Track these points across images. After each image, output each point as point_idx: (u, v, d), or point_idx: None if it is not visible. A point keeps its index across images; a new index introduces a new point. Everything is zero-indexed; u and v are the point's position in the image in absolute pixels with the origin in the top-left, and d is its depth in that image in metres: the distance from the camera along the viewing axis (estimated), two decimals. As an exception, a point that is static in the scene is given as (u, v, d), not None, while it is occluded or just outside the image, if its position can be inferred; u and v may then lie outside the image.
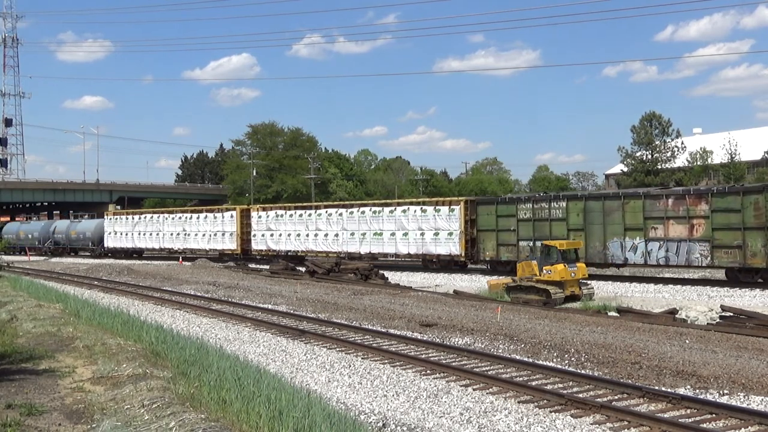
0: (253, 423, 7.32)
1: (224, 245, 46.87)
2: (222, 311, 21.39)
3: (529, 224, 31.04)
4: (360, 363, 13.51)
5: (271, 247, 43.22)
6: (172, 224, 51.36)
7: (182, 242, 50.32)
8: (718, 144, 71.80)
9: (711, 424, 9.34)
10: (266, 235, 43.65)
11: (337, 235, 39.29)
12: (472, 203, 34.12)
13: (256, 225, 44.45)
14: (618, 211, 28.23)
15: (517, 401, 10.53)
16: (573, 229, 29.48)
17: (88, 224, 63.18)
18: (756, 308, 19.64)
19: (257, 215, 44.59)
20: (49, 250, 65.33)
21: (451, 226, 34.03)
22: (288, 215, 42.57)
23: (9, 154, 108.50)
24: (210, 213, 48.93)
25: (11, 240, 70.52)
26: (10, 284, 26.36)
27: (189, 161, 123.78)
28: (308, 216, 41.26)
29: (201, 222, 49.02)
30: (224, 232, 46.89)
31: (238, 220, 45.94)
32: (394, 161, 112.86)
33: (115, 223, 56.98)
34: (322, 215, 40.43)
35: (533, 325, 16.97)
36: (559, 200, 30.45)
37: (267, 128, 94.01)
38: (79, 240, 62.50)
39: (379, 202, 41.05)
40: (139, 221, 54.45)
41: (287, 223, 42.39)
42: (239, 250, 45.86)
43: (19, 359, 11.45)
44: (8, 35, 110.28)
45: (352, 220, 38.64)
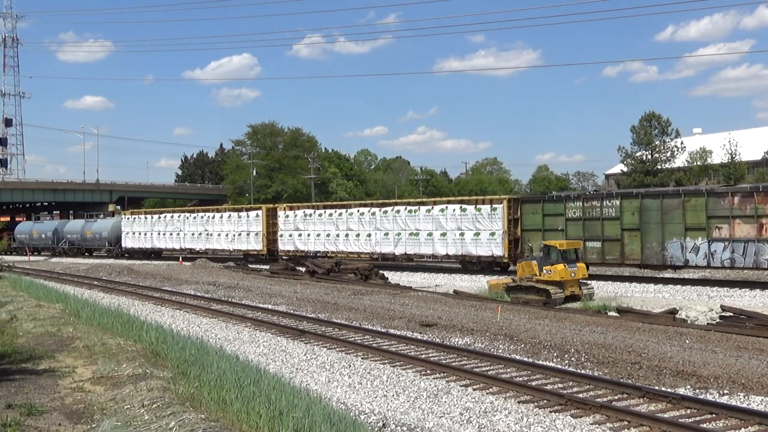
0: (253, 423, 7.32)
1: (249, 246, 45.20)
2: (222, 311, 21.39)
3: (578, 223, 29.53)
4: (360, 363, 13.51)
5: (299, 248, 41.60)
6: (193, 224, 49.70)
7: (204, 242, 48.64)
8: (718, 144, 71.82)
9: (711, 424, 9.34)
10: (294, 236, 42.03)
11: (370, 235, 37.72)
12: (515, 202, 32.68)
13: (283, 225, 42.82)
14: (678, 209, 26.80)
15: (517, 401, 10.52)
16: (627, 228, 28.09)
17: (104, 224, 61.31)
18: (756, 308, 19.64)
19: (284, 214, 42.98)
20: (62, 251, 63.57)
21: (493, 225, 32.44)
22: (317, 214, 40.96)
23: (9, 154, 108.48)
24: (234, 212, 47.17)
25: (24, 240, 69.09)
26: (10, 284, 26.36)
27: (189, 161, 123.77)
28: (339, 215, 39.65)
29: (224, 222, 47.27)
30: (249, 232, 45.18)
31: (264, 219, 44.35)
32: (394, 161, 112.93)
33: (133, 222, 55.33)
34: (354, 214, 38.77)
35: (533, 325, 16.97)
36: (613, 198, 28.93)
37: (267, 128, 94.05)
38: (95, 240, 60.62)
39: (415, 200, 39.40)
40: (159, 221, 52.73)
41: (316, 223, 40.78)
42: (265, 251, 44.16)
43: (19, 359, 11.45)
44: (8, 35, 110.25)
45: (387, 219, 37.01)
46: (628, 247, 27.96)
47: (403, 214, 36.22)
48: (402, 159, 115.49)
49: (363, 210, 38.59)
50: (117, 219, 60.38)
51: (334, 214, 39.91)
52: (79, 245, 62.64)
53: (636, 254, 27.40)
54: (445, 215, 34.34)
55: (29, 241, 68.01)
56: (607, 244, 28.54)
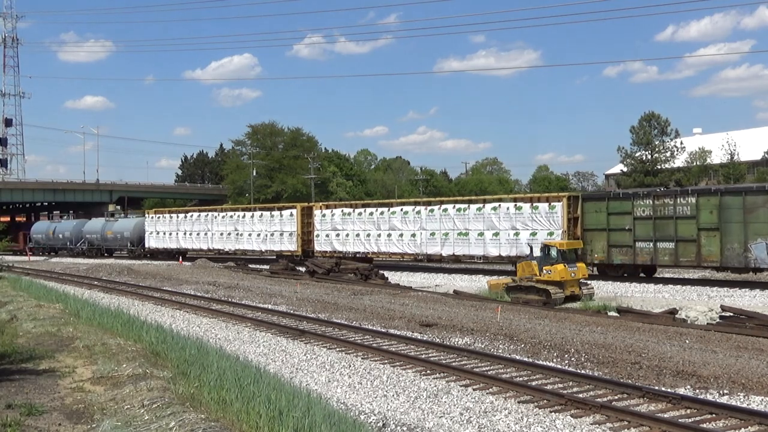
0: (253, 423, 7.32)
1: (282, 246, 43.16)
2: (222, 311, 21.39)
3: (648, 223, 27.57)
4: (360, 363, 13.51)
5: (336, 249, 39.72)
6: (222, 223, 47.66)
7: (234, 243, 46.69)
8: (718, 144, 71.87)
9: (711, 424, 9.34)
10: (331, 236, 40.14)
11: (415, 235, 35.79)
12: (575, 199, 30.85)
13: (320, 224, 41.00)
14: (763, 207, 24.99)
15: (517, 401, 10.52)
16: (705, 228, 26.10)
17: (126, 223, 59.18)
18: (756, 308, 19.66)
19: (321, 213, 41.22)
20: (81, 251, 61.56)
21: (551, 225, 30.60)
22: (357, 213, 39.06)
23: (9, 154, 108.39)
24: (266, 211, 45.30)
25: (40, 240, 67.28)
26: (10, 284, 26.35)
27: (189, 161, 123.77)
28: (380, 214, 37.79)
29: (256, 221, 45.17)
30: (282, 232, 43.17)
31: (299, 218, 42.37)
32: (394, 161, 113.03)
33: (157, 222, 53.24)
34: (397, 213, 36.87)
35: (533, 325, 16.97)
36: (688, 195, 26.90)
37: (267, 128, 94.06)
38: (116, 240, 58.43)
39: (465, 198, 37.90)
40: (185, 220, 50.66)
41: (356, 222, 38.90)
42: (299, 252, 42.06)
43: (19, 359, 11.45)
44: (8, 35, 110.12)
45: (433, 218, 35.03)
46: (706, 249, 26.08)
47: (451, 213, 34.47)
48: (402, 159, 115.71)
49: (407, 208, 36.87)
50: (140, 218, 58.34)
51: (375, 212, 38.20)
52: (98, 245, 60.54)
53: (714, 256, 25.63)
54: (497, 214, 32.64)
55: (46, 241, 66.28)
56: (681, 245, 26.70)
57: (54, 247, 66.10)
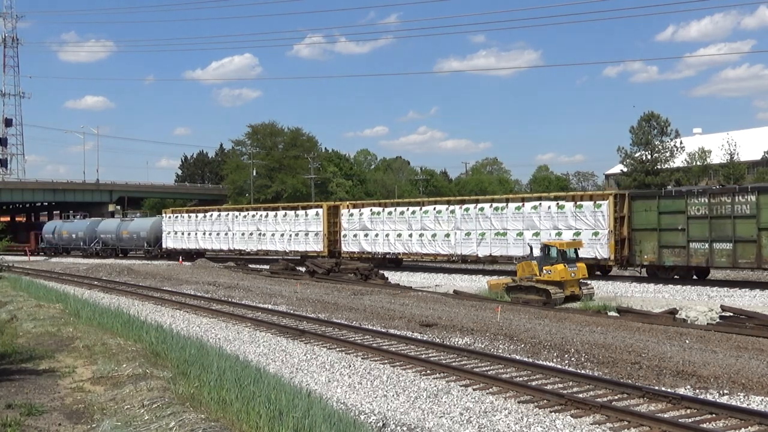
0: (253, 423, 7.32)
1: (308, 246, 41.76)
2: (222, 311, 21.39)
3: (703, 222, 26.08)
4: (360, 363, 13.52)
5: (365, 249, 38.54)
6: (243, 223, 46.10)
7: (256, 243, 45.19)
8: (718, 144, 71.86)
9: (711, 424, 9.35)
10: (359, 236, 38.77)
11: (448, 235, 34.49)
12: (622, 197, 29.43)
13: (347, 224, 39.64)
14: None
15: (517, 401, 10.53)
16: (766, 227, 24.59)
17: (143, 223, 57.65)
18: (756, 308, 19.65)
19: (348, 213, 39.87)
20: (95, 252, 59.79)
21: (596, 224, 29.13)
22: (386, 213, 37.72)
23: (9, 154, 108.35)
24: (291, 210, 43.85)
25: (52, 240, 65.56)
26: (10, 284, 26.34)
27: (189, 161, 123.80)
28: (412, 214, 36.42)
29: (279, 221, 43.76)
30: (308, 232, 41.79)
31: (325, 218, 41.09)
32: (394, 161, 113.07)
33: (175, 221, 51.53)
34: (430, 213, 35.54)
35: (533, 325, 16.97)
36: (747, 193, 25.37)
37: (267, 128, 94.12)
38: (132, 240, 56.98)
39: (502, 197, 36.47)
40: (204, 220, 49.13)
41: (385, 222, 37.61)
42: (326, 252, 40.66)
43: (19, 359, 11.45)
44: (8, 35, 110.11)
45: (468, 218, 33.73)
46: (767, 249, 24.79)
47: (488, 212, 33.19)
48: (402, 159, 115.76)
49: (440, 208, 35.41)
50: (157, 218, 57.09)
51: (407, 212, 36.81)
52: (113, 246, 58.96)
53: None
54: (538, 213, 31.29)
55: (58, 241, 64.74)
56: (739, 246, 25.32)
57: (67, 247, 64.57)
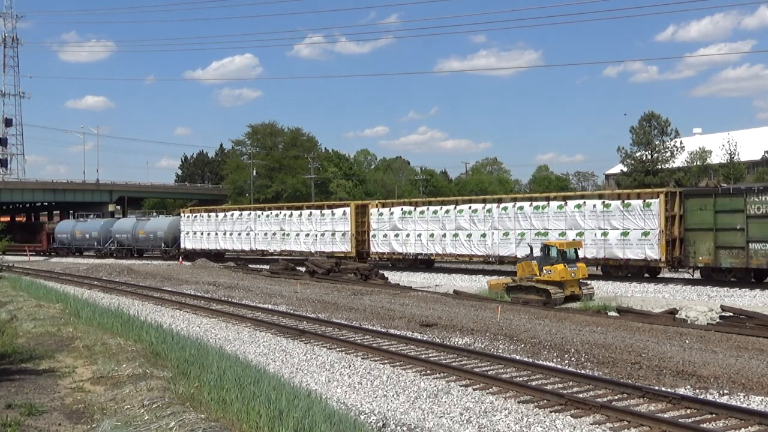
0: (253, 423, 7.32)
1: (334, 247, 40.31)
2: (222, 311, 21.40)
3: (764, 222, 24.76)
4: (360, 363, 13.52)
5: (395, 249, 37.23)
6: (266, 223, 44.61)
7: (279, 243, 43.69)
8: (718, 144, 71.84)
9: (711, 424, 9.35)
10: (389, 236, 37.40)
11: (485, 235, 33.08)
12: (673, 195, 28.17)
13: (377, 224, 38.29)
14: None
15: (517, 401, 10.53)
16: None
17: (160, 223, 56.21)
18: (756, 308, 19.65)
19: (378, 212, 38.50)
20: (109, 252, 58.41)
21: (646, 223, 27.78)
22: (418, 212, 36.33)
23: (9, 154, 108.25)
24: (317, 210, 42.38)
25: (65, 240, 63.76)
26: (10, 284, 26.35)
27: (189, 161, 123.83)
28: (446, 213, 35.02)
29: (304, 220, 42.32)
30: (335, 232, 40.27)
31: (353, 217, 39.66)
32: (394, 161, 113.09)
33: (193, 221, 50.04)
34: (465, 212, 34.20)
35: (533, 325, 16.97)
36: None
37: (267, 128, 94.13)
38: (148, 240, 55.53)
39: (543, 195, 35.40)
40: (224, 219, 47.65)
41: (417, 222, 36.23)
42: (354, 253, 39.29)
43: (19, 359, 11.45)
44: (8, 35, 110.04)
45: (507, 217, 32.51)
46: None
47: (527, 211, 31.83)
48: (402, 159, 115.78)
49: (476, 206, 34.13)
50: (175, 218, 55.81)
51: (440, 211, 35.40)
52: (129, 246, 57.40)
53: None
54: (582, 212, 29.92)
55: (71, 241, 62.96)
56: None
57: (80, 248, 63.06)
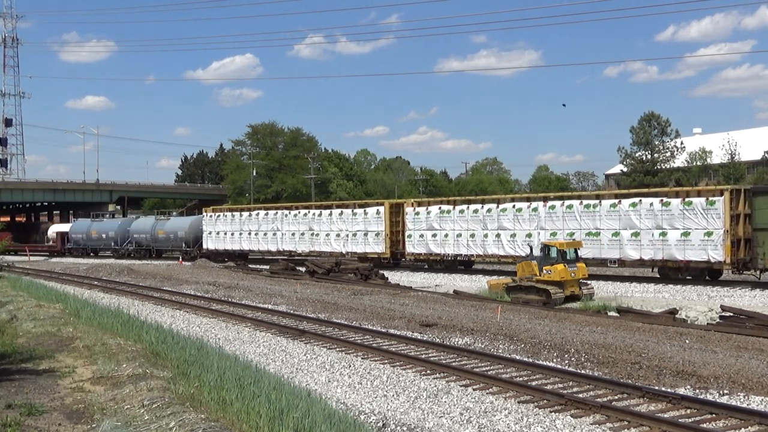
0: (253, 423, 7.32)
1: (367, 248, 38.72)
2: (222, 311, 21.39)
3: None
4: (360, 363, 13.52)
5: (432, 250, 35.76)
6: (294, 222, 43.14)
7: (308, 244, 42.15)
8: (718, 144, 71.86)
9: (711, 424, 9.35)
10: (426, 236, 35.89)
11: (530, 235, 31.35)
12: (738, 193, 26.57)
13: (412, 223, 36.78)
14: None
15: (517, 401, 10.53)
16: None
17: (180, 222, 54.82)
18: (756, 308, 19.64)
19: (413, 211, 36.98)
20: (127, 252, 57.08)
21: (709, 223, 26.31)
22: (458, 211, 34.73)
23: (9, 154, 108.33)
24: (347, 209, 40.87)
25: (80, 240, 62.30)
26: (10, 284, 26.36)
27: (189, 161, 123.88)
28: (487, 212, 33.50)
29: (335, 220, 40.78)
30: (367, 232, 38.63)
31: (387, 217, 38.08)
32: (394, 161, 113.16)
33: (216, 221, 48.58)
34: (508, 210, 32.71)
35: (533, 325, 16.97)
36: None
37: (267, 128, 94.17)
38: (168, 241, 53.96)
39: (593, 193, 33.39)
40: (249, 219, 46.15)
41: (456, 221, 34.69)
42: (388, 254, 37.90)
43: (19, 359, 11.45)
44: (8, 35, 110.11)
45: (554, 216, 30.77)
46: None
47: (576, 210, 30.01)
48: (402, 159, 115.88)
49: (520, 205, 32.56)
50: (196, 217, 54.63)
51: (481, 210, 33.92)
52: (148, 246, 56.01)
53: None
54: (637, 211, 28.20)
55: (86, 241, 61.60)
56: None
57: (96, 248, 61.60)
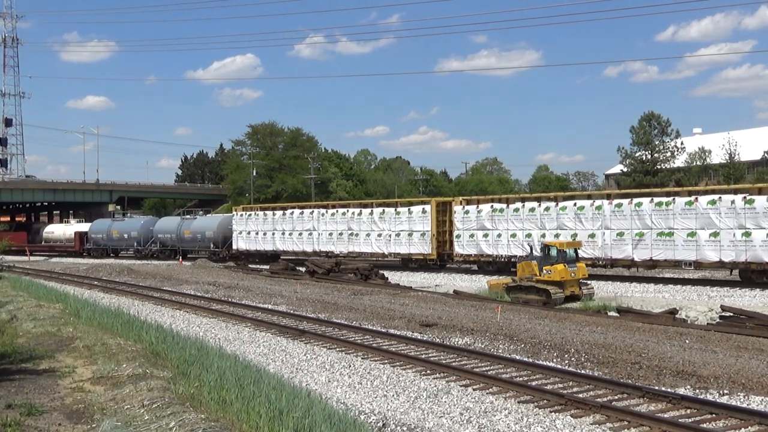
0: (253, 423, 7.32)
1: (411, 248, 37.06)
2: (222, 311, 21.39)
3: None
4: (360, 363, 13.52)
5: (484, 251, 33.91)
6: (331, 222, 41.44)
7: (346, 244, 40.53)
8: (718, 144, 71.86)
9: (711, 424, 9.35)
10: (477, 236, 33.90)
11: (594, 235, 29.42)
12: None
13: (461, 223, 34.83)
14: None
15: (517, 401, 10.53)
16: None
17: (208, 222, 52.74)
18: (756, 308, 19.64)
19: (463, 210, 34.99)
20: (151, 253, 54.95)
21: None
22: (512, 210, 32.97)
23: (9, 154, 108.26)
24: (390, 207, 39.03)
25: (100, 240, 60.30)
26: (10, 284, 26.36)
27: (189, 161, 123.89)
28: (545, 210, 31.74)
29: (376, 219, 38.97)
30: (411, 232, 36.90)
31: (433, 216, 36.34)
32: (394, 161, 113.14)
33: (247, 220, 46.90)
34: (569, 209, 30.74)
35: (533, 325, 16.97)
36: None
37: (267, 128, 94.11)
38: (195, 241, 52.00)
39: (664, 190, 31.87)
40: (283, 218, 44.38)
41: (510, 221, 32.93)
42: (434, 255, 36.16)
43: (19, 359, 11.45)
44: (8, 35, 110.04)
45: (620, 215, 28.74)
46: None
47: (646, 209, 28.01)
48: (402, 159, 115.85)
49: (582, 203, 30.59)
50: (225, 216, 52.78)
51: (538, 208, 32.00)
52: (173, 247, 53.93)
53: None
54: (717, 209, 26.25)
55: (107, 241, 59.72)
56: None
57: (117, 249, 59.65)
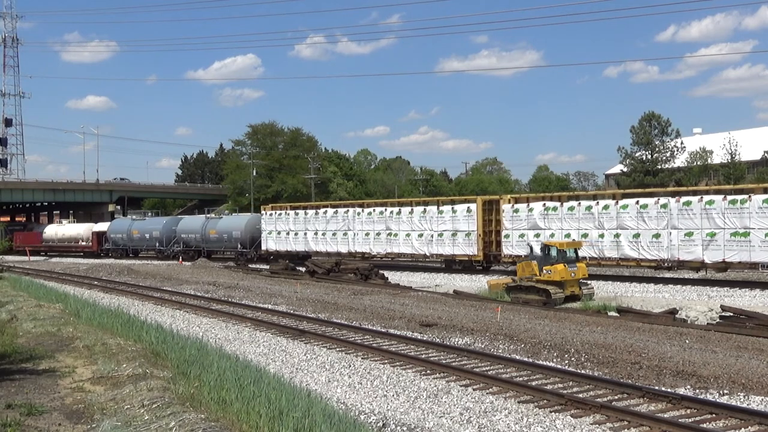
0: (253, 423, 7.32)
1: (455, 249, 35.21)
2: (222, 311, 21.39)
3: None
4: (360, 363, 13.52)
5: None
6: (368, 221, 39.27)
7: (384, 245, 38.38)
8: (718, 144, 71.86)
9: (711, 424, 9.35)
10: (528, 236, 32.07)
11: (658, 235, 27.72)
12: None
13: (510, 222, 33.12)
14: None
15: (517, 401, 10.53)
16: None
17: (235, 221, 50.81)
18: (756, 308, 19.64)
19: (512, 208, 33.27)
20: (173, 254, 53.08)
21: None
22: (566, 208, 31.09)
23: (9, 154, 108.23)
24: (432, 206, 36.81)
25: (119, 240, 58.76)
26: (10, 284, 26.37)
27: (189, 161, 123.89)
28: (604, 209, 29.74)
29: (416, 219, 36.87)
30: (456, 232, 35.01)
31: (479, 215, 34.50)
32: (394, 161, 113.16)
33: (277, 220, 45.08)
34: (630, 207, 28.74)
35: (533, 325, 16.97)
36: None
37: (267, 128, 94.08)
38: (221, 241, 50.19)
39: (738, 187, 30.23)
40: (316, 217, 42.38)
41: (565, 220, 31.12)
42: (480, 256, 34.37)
43: (19, 359, 11.45)
44: (8, 35, 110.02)
45: (689, 214, 26.88)
46: None
47: (719, 207, 26.17)
48: (402, 159, 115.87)
49: (645, 201, 28.50)
50: (254, 215, 50.96)
51: (595, 207, 30.02)
52: (197, 247, 52.04)
53: None
54: None
55: (127, 241, 58.15)
56: None
57: (137, 249, 58.20)
